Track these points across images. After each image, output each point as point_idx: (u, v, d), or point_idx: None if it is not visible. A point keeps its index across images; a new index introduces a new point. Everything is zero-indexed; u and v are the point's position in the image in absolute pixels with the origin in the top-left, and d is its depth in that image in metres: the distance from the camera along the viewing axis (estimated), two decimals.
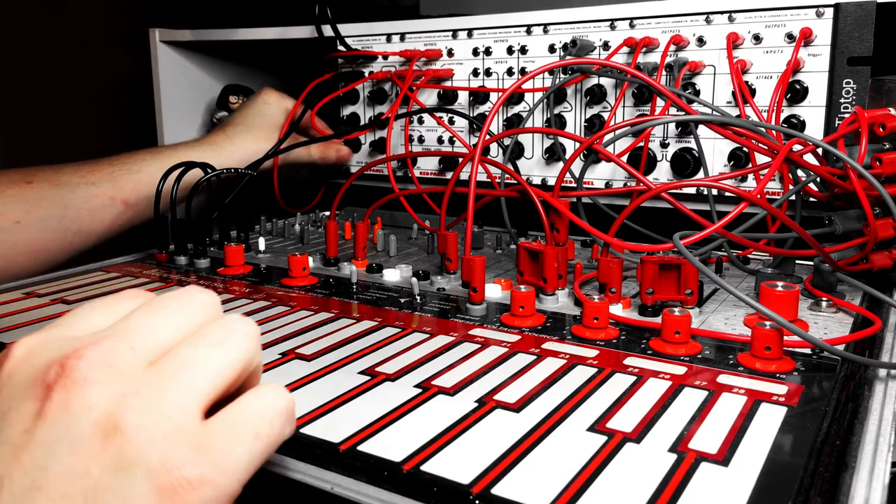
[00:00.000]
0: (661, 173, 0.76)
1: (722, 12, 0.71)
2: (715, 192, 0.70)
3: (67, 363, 0.26)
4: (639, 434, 0.36)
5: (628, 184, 0.77)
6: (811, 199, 0.66)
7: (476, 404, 0.40)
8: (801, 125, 0.69)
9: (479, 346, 0.49)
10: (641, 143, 0.75)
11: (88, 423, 0.25)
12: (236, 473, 0.26)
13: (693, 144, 0.73)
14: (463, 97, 0.87)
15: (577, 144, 0.78)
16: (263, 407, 0.28)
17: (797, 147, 0.59)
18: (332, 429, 0.37)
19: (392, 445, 0.35)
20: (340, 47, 0.93)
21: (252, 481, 0.36)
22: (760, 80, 0.70)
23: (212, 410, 0.28)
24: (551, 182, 0.82)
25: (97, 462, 0.24)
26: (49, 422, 0.25)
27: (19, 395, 0.26)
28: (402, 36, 0.89)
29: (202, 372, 0.27)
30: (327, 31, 0.93)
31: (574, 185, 0.76)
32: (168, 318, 0.29)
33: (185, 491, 0.25)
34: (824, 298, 0.56)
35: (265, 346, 0.49)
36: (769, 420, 0.37)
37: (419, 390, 0.42)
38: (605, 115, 0.78)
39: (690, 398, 0.40)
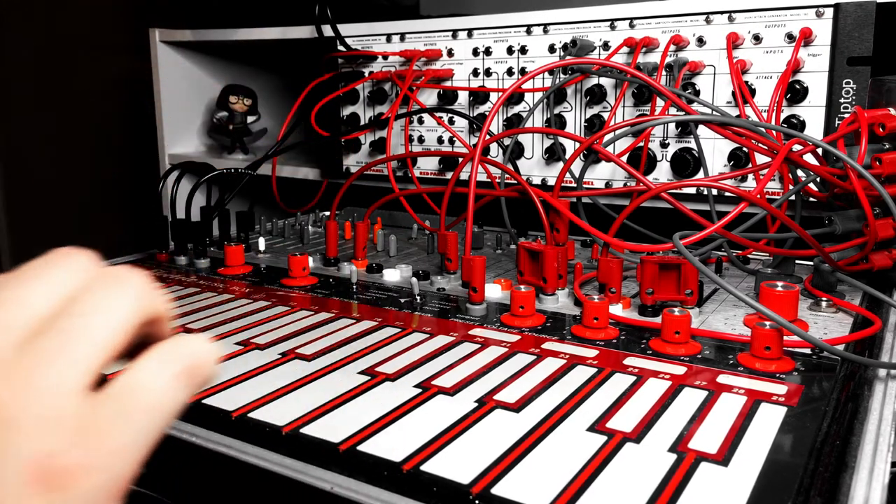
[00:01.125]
0: (661, 173, 0.76)
1: (722, 12, 0.71)
2: (715, 192, 0.70)
3: None
4: (639, 434, 0.36)
5: (628, 184, 0.77)
6: (811, 199, 0.66)
7: (476, 404, 0.40)
8: (801, 125, 0.69)
9: (479, 346, 0.49)
10: (641, 143, 0.75)
11: None
12: (127, 454, 0.24)
13: (693, 144, 0.73)
14: (463, 97, 0.87)
15: (577, 144, 0.78)
16: (154, 377, 0.25)
17: (797, 147, 0.59)
18: (332, 429, 0.37)
19: (392, 445, 0.35)
20: (340, 47, 0.93)
21: (252, 481, 0.36)
22: (760, 80, 0.70)
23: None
24: (551, 182, 0.82)
25: None
26: None
27: None
28: (402, 36, 0.89)
29: (80, 344, 0.24)
30: (327, 31, 0.93)
31: (574, 185, 0.76)
32: (39, 287, 0.26)
33: (68, 480, 0.22)
34: (824, 298, 0.56)
35: (265, 346, 0.49)
36: (769, 420, 0.37)
37: (419, 390, 0.42)
38: (605, 115, 0.78)
39: (690, 398, 0.40)
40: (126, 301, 0.26)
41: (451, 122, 0.88)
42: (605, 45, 0.77)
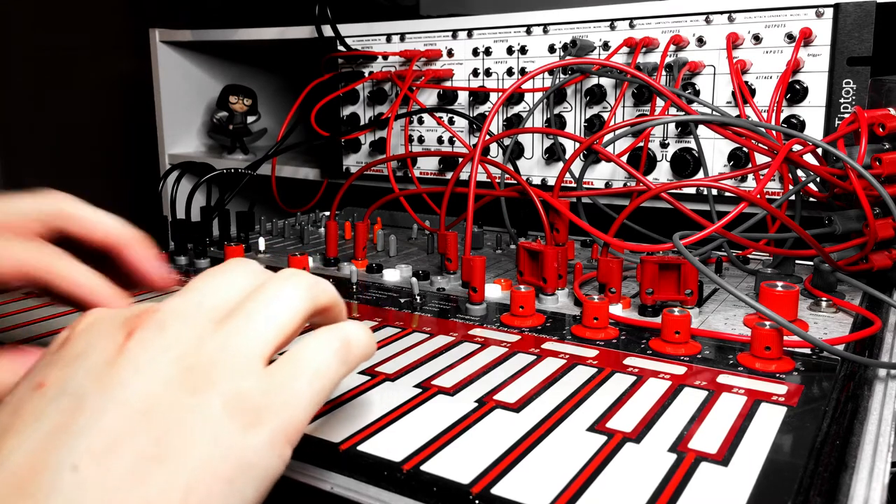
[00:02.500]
0: (661, 173, 0.76)
1: (722, 12, 0.71)
2: (715, 192, 0.70)
3: (145, 315, 0.29)
4: (639, 434, 0.36)
5: (628, 184, 0.77)
6: (811, 199, 0.66)
7: (476, 404, 0.40)
8: (801, 125, 0.69)
9: (479, 346, 0.49)
10: (641, 143, 0.75)
11: (166, 358, 0.27)
12: (298, 407, 0.28)
13: (693, 144, 0.73)
14: (463, 97, 0.87)
15: (577, 144, 0.78)
16: (320, 349, 0.30)
17: (797, 147, 0.59)
18: (332, 429, 0.37)
19: (392, 445, 0.35)
20: (340, 47, 0.93)
21: None
22: (760, 80, 0.70)
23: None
24: (551, 182, 0.82)
25: (173, 385, 0.26)
26: (130, 354, 0.27)
27: (100, 337, 0.28)
28: (402, 36, 0.89)
29: (263, 322, 0.30)
30: (327, 31, 0.93)
31: (574, 185, 0.76)
32: (228, 280, 0.32)
33: (252, 415, 0.27)
34: (824, 298, 0.56)
35: None
36: (769, 420, 0.37)
37: (419, 390, 0.42)
38: (605, 115, 0.78)
39: (690, 398, 0.40)
40: (298, 292, 0.32)
41: (451, 122, 0.88)
42: (605, 45, 0.77)
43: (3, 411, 0.27)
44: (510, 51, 0.83)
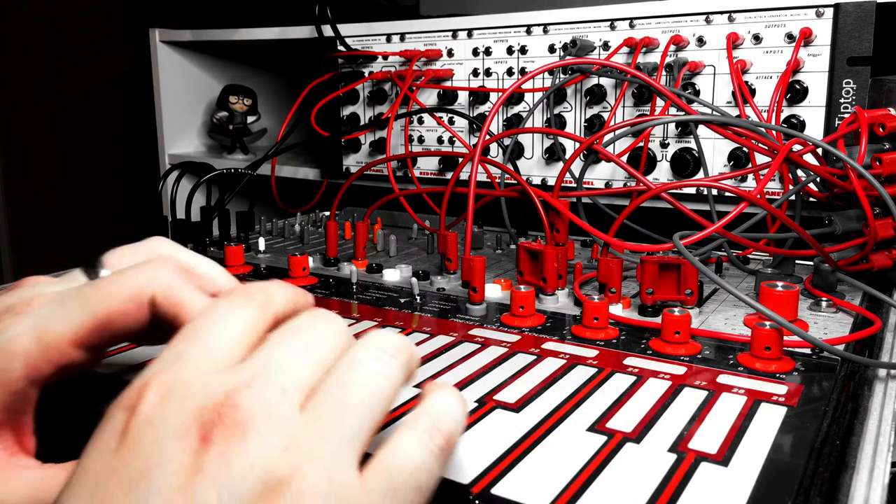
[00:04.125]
0: (661, 173, 0.76)
1: (722, 12, 0.71)
2: (715, 192, 0.70)
3: (224, 411, 0.23)
4: (639, 434, 0.36)
5: (628, 184, 0.77)
6: (811, 199, 0.66)
7: (476, 404, 0.40)
8: (801, 125, 0.69)
9: (479, 346, 0.49)
10: (641, 143, 0.75)
11: (252, 479, 0.22)
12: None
13: (693, 144, 0.73)
14: (463, 97, 0.87)
15: (577, 144, 0.78)
16: (422, 453, 0.25)
17: (797, 147, 0.59)
18: None
19: None
20: (340, 47, 0.93)
21: None
22: (760, 80, 0.70)
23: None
24: (551, 182, 0.82)
25: None
26: (209, 478, 0.22)
27: (170, 446, 0.22)
28: (402, 36, 0.89)
29: (356, 414, 0.25)
30: (327, 31, 0.93)
31: (574, 185, 0.76)
32: (309, 350, 0.27)
33: None
34: (824, 298, 0.56)
35: None
36: (769, 420, 0.37)
37: (419, 390, 0.42)
38: (605, 115, 0.78)
39: (690, 398, 0.40)
40: (396, 369, 0.27)
41: (451, 122, 0.88)
42: (605, 45, 0.77)
43: None
44: (510, 51, 0.83)
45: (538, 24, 0.81)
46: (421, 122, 0.91)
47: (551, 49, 0.80)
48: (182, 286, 0.31)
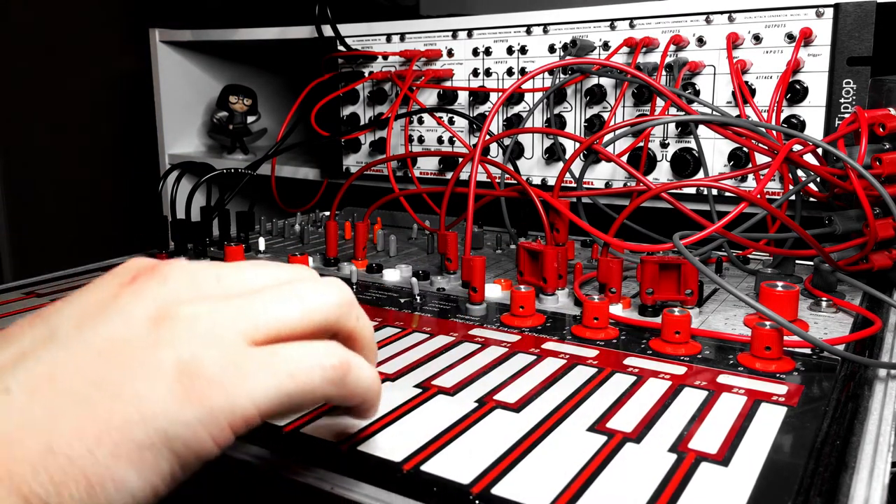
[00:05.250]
0: (661, 173, 0.76)
1: (722, 12, 0.71)
2: (715, 192, 0.70)
3: (158, 266, 0.29)
4: (639, 434, 0.36)
5: (628, 184, 0.77)
6: (811, 199, 0.66)
7: (476, 404, 0.40)
8: (801, 125, 0.69)
9: (479, 346, 0.49)
10: (641, 143, 0.75)
11: (150, 307, 0.27)
12: (255, 397, 0.27)
13: (693, 144, 0.73)
14: (463, 97, 0.87)
15: (577, 144, 0.78)
16: (309, 354, 0.28)
17: (797, 147, 0.59)
18: (332, 429, 0.37)
19: (392, 445, 0.35)
20: (340, 47, 0.93)
21: (252, 481, 0.36)
22: (760, 80, 0.70)
23: None
24: (551, 182, 0.82)
25: (138, 336, 0.26)
26: (118, 300, 0.28)
27: (109, 282, 0.29)
28: (402, 36, 0.89)
29: (267, 309, 0.28)
30: (327, 31, 0.93)
31: (574, 185, 0.76)
32: (264, 272, 0.31)
33: (200, 385, 0.26)
34: (824, 298, 0.56)
35: None
36: (769, 420, 0.37)
37: (419, 390, 0.42)
38: (605, 115, 0.78)
39: (690, 398, 0.40)
40: (324, 298, 0.30)
41: (451, 122, 0.88)
42: (605, 45, 0.77)
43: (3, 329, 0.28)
44: (510, 51, 0.83)
45: (538, 24, 0.81)
46: (421, 122, 0.91)
47: (551, 49, 0.80)
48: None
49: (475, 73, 0.85)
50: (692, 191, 0.74)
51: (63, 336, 0.27)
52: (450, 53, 0.87)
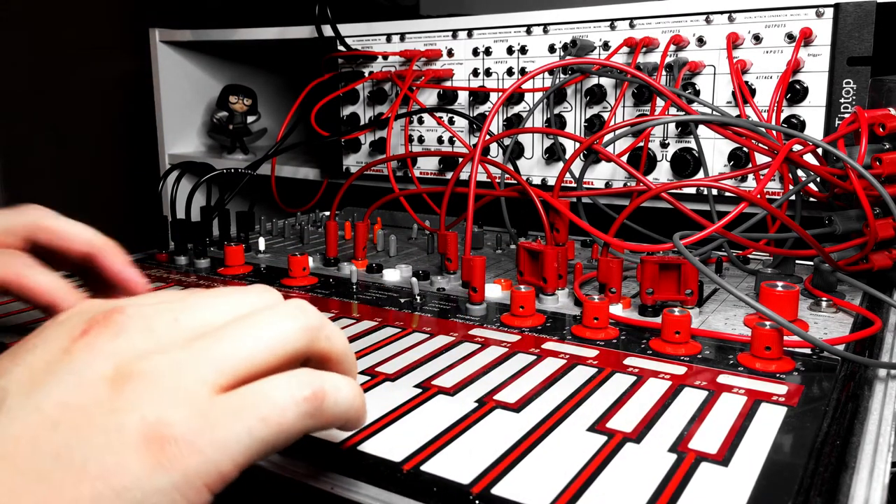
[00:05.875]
0: (661, 173, 0.76)
1: (722, 12, 0.71)
2: (715, 192, 0.70)
3: (111, 314, 0.27)
4: (639, 434, 0.36)
5: (628, 184, 0.77)
6: (811, 199, 0.66)
7: (476, 404, 0.40)
8: (801, 125, 0.69)
9: (479, 346, 0.49)
10: (641, 143, 0.75)
11: (106, 365, 0.25)
12: (229, 451, 0.25)
13: (693, 144, 0.73)
14: (463, 97, 0.87)
15: (577, 144, 0.78)
16: (280, 392, 0.27)
17: (797, 147, 0.59)
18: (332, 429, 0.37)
19: (392, 445, 0.35)
20: (340, 47, 0.93)
21: (252, 481, 0.36)
22: (760, 80, 0.70)
23: None
24: (551, 182, 0.82)
25: (97, 401, 0.24)
26: (71, 357, 0.26)
27: (58, 335, 0.27)
28: (402, 36, 0.89)
29: (230, 349, 0.27)
30: (327, 31, 0.93)
31: (574, 185, 0.76)
32: (224, 305, 0.29)
33: (171, 449, 0.24)
34: (824, 298, 0.56)
35: None
36: (769, 420, 0.37)
37: (419, 390, 0.42)
38: (605, 115, 0.78)
39: (690, 398, 0.40)
40: (292, 325, 0.28)
41: (451, 122, 0.88)
42: (605, 45, 0.77)
43: None
44: (510, 51, 0.83)
45: (538, 24, 0.81)
46: (421, 122, 0.91)
47: (551, 49, 0.80)
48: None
49: (475, 73, 0.85)
50: (692, 191, 0.74)
51: (14, 406, 0.24)
52: (450, 53, 0.87)
